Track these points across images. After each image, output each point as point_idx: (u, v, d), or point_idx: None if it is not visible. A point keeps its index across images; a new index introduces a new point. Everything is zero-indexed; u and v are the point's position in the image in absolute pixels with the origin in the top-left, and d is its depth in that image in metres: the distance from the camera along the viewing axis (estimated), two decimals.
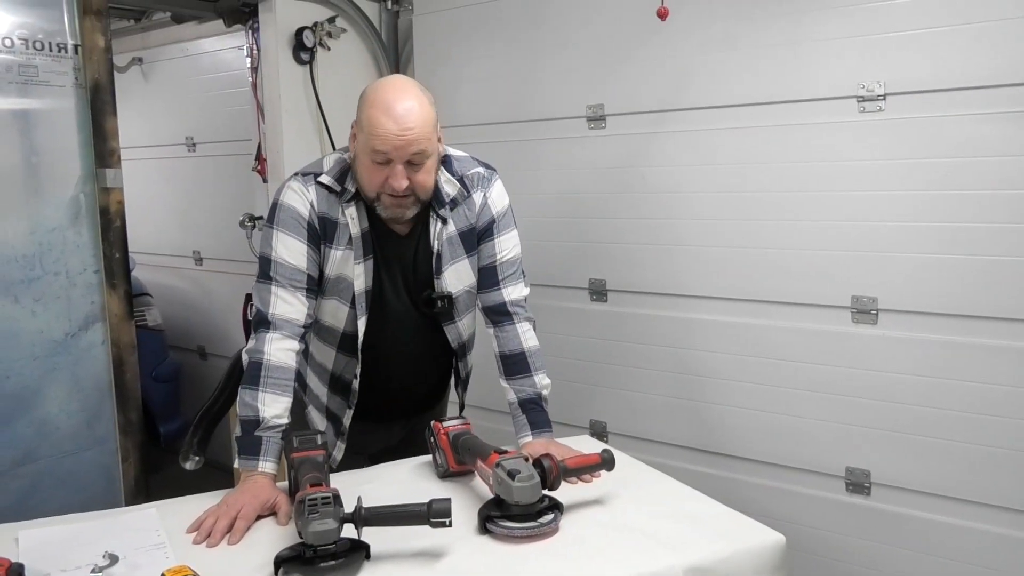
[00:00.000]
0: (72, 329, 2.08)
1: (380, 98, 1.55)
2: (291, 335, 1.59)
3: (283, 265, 1.61)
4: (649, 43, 2.37)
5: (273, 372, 1.55)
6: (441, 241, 1.69)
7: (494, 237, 1.75)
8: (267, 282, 1.62)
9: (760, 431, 2.29)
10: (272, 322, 1.58)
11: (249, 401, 1.53)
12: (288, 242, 1.61)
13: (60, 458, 2.08)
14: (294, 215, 1.62)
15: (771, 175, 2.20)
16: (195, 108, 3.65)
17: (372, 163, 1.55)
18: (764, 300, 2.26)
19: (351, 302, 1.67)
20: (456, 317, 1.76)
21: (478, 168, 1.75)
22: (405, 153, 1.53)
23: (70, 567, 1.24)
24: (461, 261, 1.73)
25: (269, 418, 1.51)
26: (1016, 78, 1.84)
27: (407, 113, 1.52)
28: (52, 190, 2.04)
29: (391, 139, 1.52)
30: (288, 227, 1.62)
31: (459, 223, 1.71)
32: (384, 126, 1.52)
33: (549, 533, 1.34)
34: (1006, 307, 1.90)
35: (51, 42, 2.01)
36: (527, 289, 1.80)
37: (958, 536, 2.01)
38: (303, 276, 1.62)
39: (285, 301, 1.60)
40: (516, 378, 1.72)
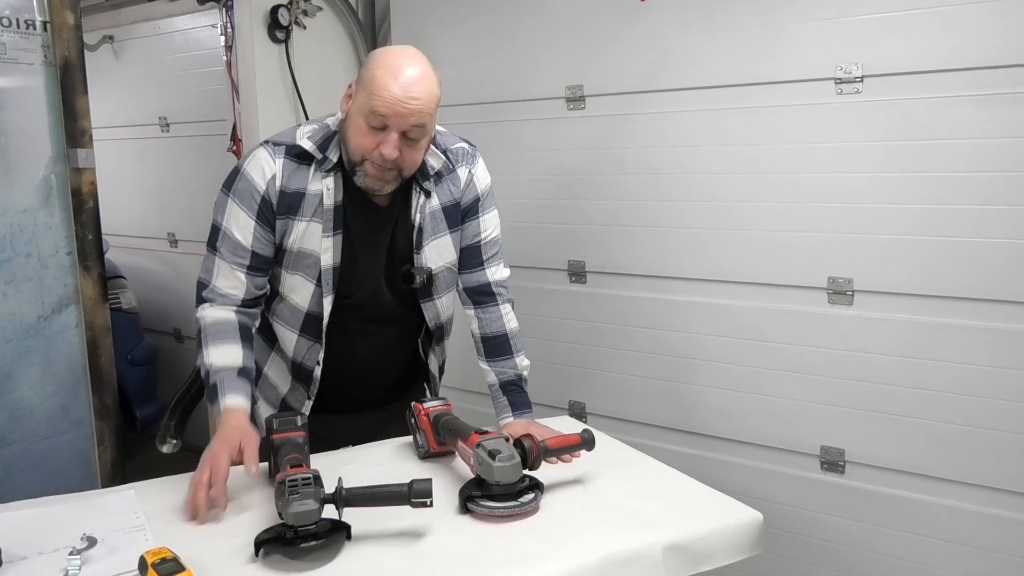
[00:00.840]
0: (45, 312, 2.05)
1: (391, 61, 1.50)
2: (226, 306, 1.59)
3: (229, 239, 1.58)
4: (629, 24, 2.36)
5: (210, 329, 1.56)
6: (424, 215, 1.65)
7: (479, 215, 1.72)
8: (213, 252, 1.60)
9: (737, 411, 2.32)
10: (208, 297, 1.60)
11: (199, 363, 1.55)
12: (238, 216, 1.58)
13: (35, 442, 2.05)
14: (249, 187, 1.57)
15: (749, 156, 2.20)
16: (168, 87, 3.59)
17: (367, 126, 1.49)
18: (741, 281, 2.27)
19: (317, 279, 1.61)
20: (435, 294, 1.70)
21: (462, 144, 1.71)
22: (404, 123, 1.48)
23: (47, 550, 1.23)
24: (443, 236, 1.68)
25: (216, 365, 1.52)
26: (992, 61, 1.86)
27: (415, 82, 1.47)
28: (22, 171, 2.00)
29: (394, 104, 1.46)
30: (242, 199, 1.58)
31: (443, 197, 1.67)
32: (389, 89, 1.46)
33: (530, 512, 1.35)
34: (979, 288, 1.93)
35: (19, 19, 1.96)
36: (508, 270, 1.79)
37: (930, 513, 2.05)
38: (247, 254, 1.59)
39: (223, 276, 1.59)
40: (497, 360, 1.71)
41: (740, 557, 1.36)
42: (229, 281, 1.59)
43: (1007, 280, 1.89)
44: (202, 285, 1.61)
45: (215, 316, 1.58)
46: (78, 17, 2.04)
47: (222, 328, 1.56)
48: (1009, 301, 1.90)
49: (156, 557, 1.14)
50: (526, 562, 1.21)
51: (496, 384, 1.72)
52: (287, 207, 1.58)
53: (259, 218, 1.57)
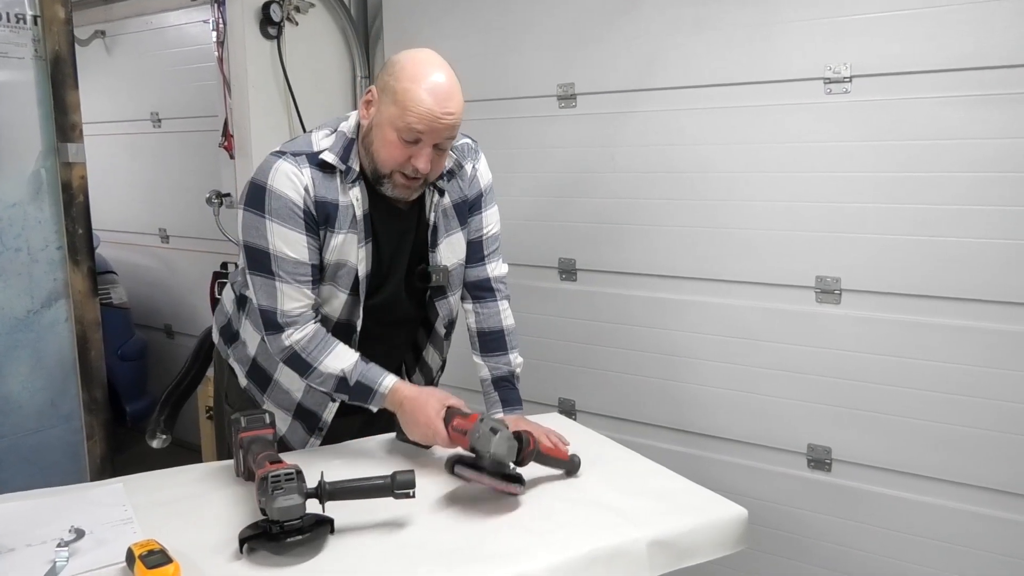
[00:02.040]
0: (34, 306, 2.05)
1: (421, 72, 1.47)
2: (303, 324, 1.55)
3: (285, 260, 1.51)
4: (620, 22, 2.37)
5: (310, 346, 1.54)
6: (437, 213, 1.65)
7: (482, 210, 1.73)
8: (269, 277, 1.52)
9: (725, 409, 2.33)
10: (284, 323, 1.54)
11: (320, 380, 1.55)
12: (286, 235, 1.51)
13: (24, 436, 2.05)
14: (289, 204, 1.50)
15: (738, 155, 2.21)
16: (160, 83, 3.58)
17: (399, 139, 1.47)
18: (730, 280, 2.28)
19: (350, 288, 1.59)
20: (449, 292, 1.71)
21: (465, 139, 1.71)
22: (439, 136, 1.48)
23: (36, 542, 1.24)
24: (456, 233, 1.69)
25: (346, 368, 1.53)
26: (979, 62, 1.87)
27: (450, 96, 1.47)
28: (12, 165, 2.00)
29: (431, 120, 1.45)
30: (284, 218, 1.50)
31: (453, 195, 1.67)
32: (426, 104, 1.44)
33: (512, 492, 1.36)
34: (967, 288, 1.94)
35: (9, 12, 1.96)
36: (506, 266, 1.80)
37: (916, 511, 2.06)
38: (307, 269, 1.53)
39: (292, 298, 1.53)
40: (492, 355, 1.72)
41: (724, 553, 1.37)
42: (300, 302, 1.54)
43: (995, 280, 1.91)
44: (271, 313, 1.54)
45: (305, 334, 1.54)
46: (69, 11, 2.04)
47: (320, 341, 1.55)
48: (996, 301, 1.91)
49: (143, 549, 1.14)
50: (511, 557, 1.22)
51: (488, 379, 1.72)
52: (324, 217, 1.54)
53: (308, 231, 1.52)
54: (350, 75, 2.99)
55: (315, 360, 1.53)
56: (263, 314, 1.56)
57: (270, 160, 1.54)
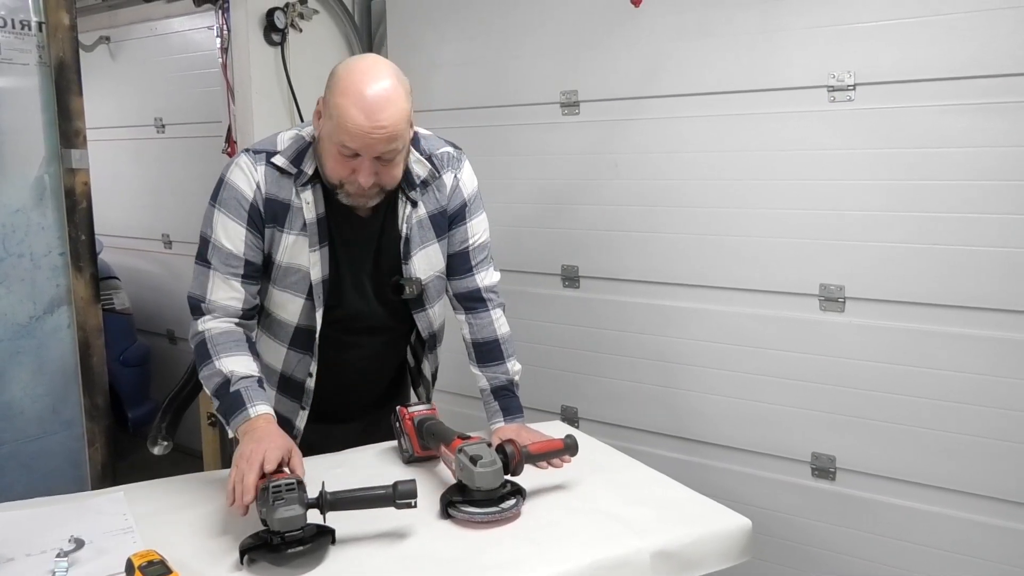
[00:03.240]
0: (37, 312, 2.05)
1: (353, 87, 1.43)
2: (226, 317, 1.54)
3: (220, 249, 1.54)
4: (623, 30, 2.37)
5: (219, 339, 1.51)
6: (410, 225, 1.62)
7: (466, 221, 1.69)
8: (204, 265, 1.56)
9: (729, 417, 2.32)
10: (206, 309, 1.54)
11: (209, 373, 1.49)
12: (227, 225, 1.54)
13: (25, 442, 2.05)
14: (236, 195, 1.53)
15: (742, 163, 2.21)
16: (164, 89, 3.59)
17: (339, 154, 1.46)
18: (734, 287, 2.28)
19: (307, 293, 1.58)
20: (427, 304, 1.69)
21: (447, 148, 1.68)
22: (374, 150, 1.44)
23: (35, 551, 1.23)
24: (431, 245, 1.66)
25: (237, 372, 1.47)
26: (984, 70, 1.86)
27: (381, 108, 1.41)
28: (15, 170, 2.00)
29: (361, 136, 1.42)
30: (229, 208, 1.54)
31: (429, 206, 1.64)
32: (355, 120, 1.40)
33: (511, 518, 1.35)
34: (970, 296, 1.94)
35: (14, 19, 1.96)
36: (498, 274, 1.78)
37: (921, 521, 2.05)
38: (239, 262, 1.54)
39: (219, 288, 1.54)
40: (489, 365, 1.71)
41: (728, 564, 1.36)
42: (226, 292, 1.54)
43: (998, 288, 1.90)
44: (197, 300, 1.55)
45: (220, 327, 1.53)
46: (73, 17, 2.04)
47: (232, 338, 1.52)
48: (1000, 309, 1.91)
49: (143, 560, 1.14)
50: (513, 567, 1.21)
51: (488, 389, 1.71)
52: (273, 215, 1.55)
53: (249, 225, 1.54)
54: None
55: (216, 355, 1.49)
56: (190, 299, 1.57)
57: (236, 156, 1.59)
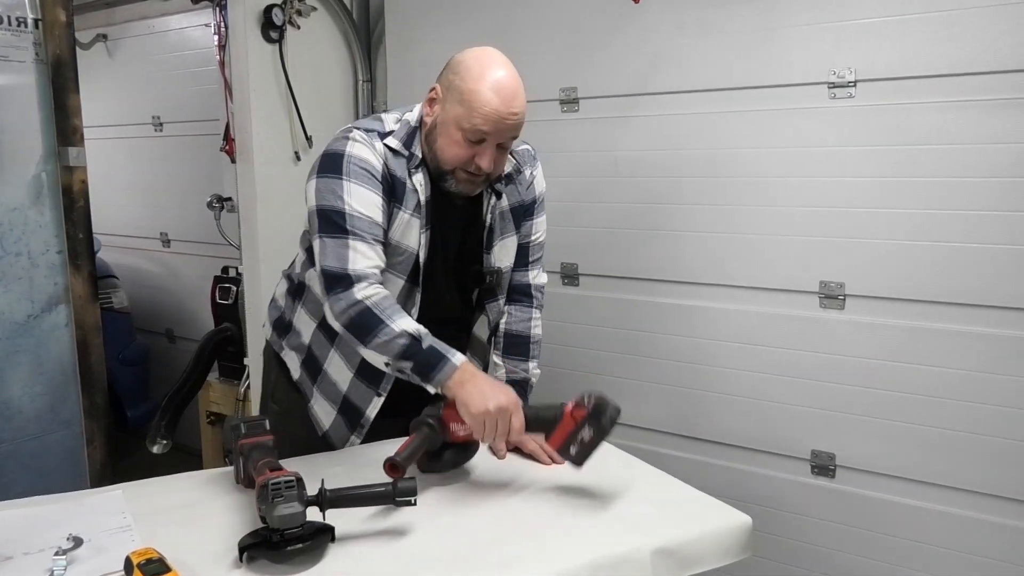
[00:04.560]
0: (35, 311, 2.05)
1: (488, 73, 1.48)
2: (375, 283, 1.47)
3: (360, 218, 1.47)
4: (622, 27, 2.36)
5: (385, 304, 1.44)
6: (494, 215, 1.66)
7: (534, 217, 1.75)
8: (342, 236, 1.46)
9: (728, 414, 2.32)
10: (356, 278, 1.45)
11: (388, 337, 1.41)
12: (364, 194, 1.48)
13: (24, 441, 2.05)
14: (366, 166, 1.50)
15: (742, 160, 2.21)
16: (162, 87, 3.59)
17: (464, 139, 1.49)
18: (733, 285, 2.27)
19: (407, 274, 1.58)
20: (499, 294, 1.72)
21: (525, 145, 1.72)
22: (504, 135, 1.50)
23: (33, 550, 1.22)
24: (510, 236, 1.70)
25: (421, 331, 1.42)
26: (985, 67, 1.86)
27: (516, 95, 1.48)
28: (12, 168, 1.99)
29: (497, 120, 1.46)
30: (362, 179, 1.49)
31: (512, 199, 1.69)
32: (492, 104, 1.46)
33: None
34: (971, 293, 1.93)
35: (10, 16, 1.96)
36: (546, 276, 1.82)
37: (921, 518, 2.05)
38: (380, 230, 1.50)
39: (366, 256, 1.47)
40: (513, 358, 1.73)
41: (729, 561, 1.36)
42: (371, 261, 1.47)
43: (999, 285, 1.90)
44: (339, 272, 1.46)
45: (381, 292, 1.46)
46: (70, 15, 2.04)
47: (393, 302, 1.47)
48: (1001, 307, 1.90)
49: (142, 558, 1.13)
50: (513, 564, 1.21)
51: (503, 380, 1.71)
52: (392, 190, 1.54)
53: (387, 194, 1.52)
54: (352, 79, 2.99)
55: (389, 318, 1.42)
56: (329, 275, 1.47)
57: (343, 133, 1.55)
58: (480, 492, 1.46)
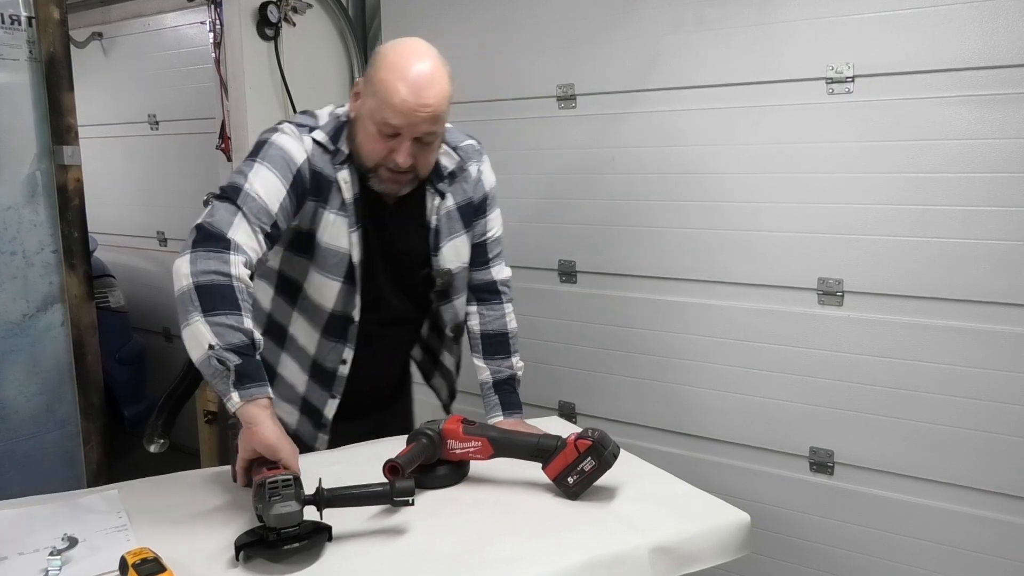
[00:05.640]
0: (30, 310, 2.04)
1: (400, 63, 1.42)
2: (246, 267, 1.36)
3: (254, 199, 1.39)
4: (620, 23, 2.36)
5: (248, 295, 1.34)
6: (439, 216, 1.61)
7: (487, 214, 1.71)
8: (231, 205, 1.38)
9: (726, 411, 2.31)
10: (234, 247, 1.35)
11: (232, 326, 1.28)
12: (268, 178, 1.41)
13: (19, 441, 2.04)
14: (285, 156, 1.44)
15: (740, 156, 2.20)
16: (157, 85, 3.57)
17: (378, 133, 1.44)
18: (732, 282, 2.27)
19: (344, 275, 1.54)
20: (453, 296, 1.68)
21: (469, 140, 1.68)
22: (417, 130, 1.43)
23: (28, 550, 1.22)
24: (459, 236, 1.65)
25: (259, 340, 1.32)
26: (983, 61, 1.86)
27: (427, 86, 1.41)
28: (7, 167, 1.98)
29: (407, 113, 1.40)
30: (275, 164, 1.43)
31: (457, 197, 1.64)
32: (402, 96, 1.39)
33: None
34: (970, 289, 1.93)
35: (4, 14, 1.94)
36: (509, 269, 1.79)
37: (919, 515, 2.05)
38: (270, 219, 1.41)
39: (244, 232, 1.37)
40: (495, 359, 1.71)
41: (727, 558, 1.35)
42: (249, 240, 1.38)
43: (998, 281, 1.89)
44: (217, 229, 1.35)
45: (249, 283, 1.35)
46: (64, 12, 2.03)
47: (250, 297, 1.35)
48: (999, 303, 1.90)
49: (137, 558, 1.12)
50: (511, 563, 1.20)
51: (489, 383, 1.71)
52: (317, 189, 1.49)
53: (292, 187, 1.44)
54: (348, 76, 2.98)
55: (246, 309, 1.31)
56: (205, 231, 1.36)
57: (274, 126, 1.52)
58: (477, 491, 1.45)
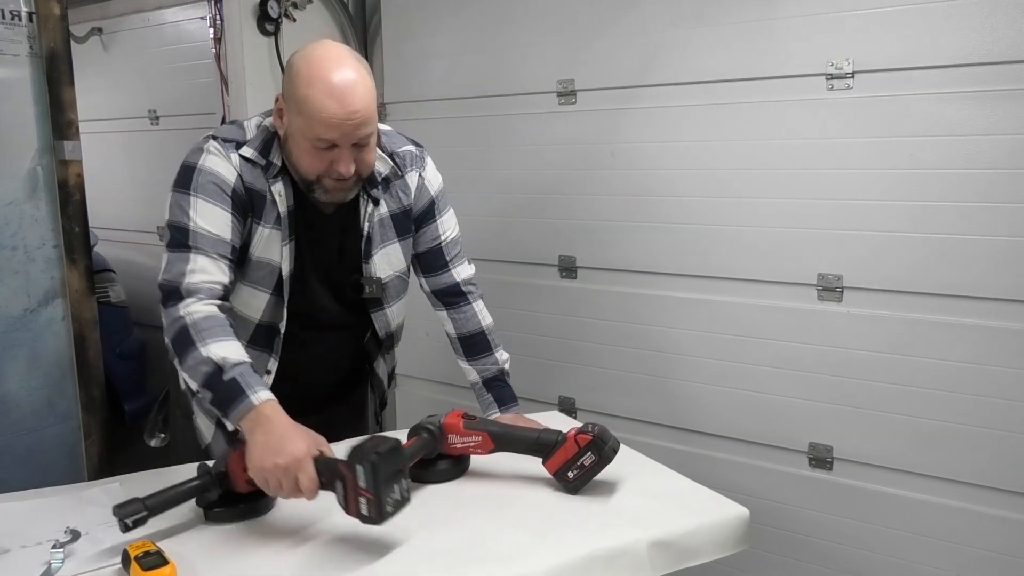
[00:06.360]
0: (31, 305, 2.04)
1: (320, 75, 1.38)
2: (208, 298, 1.39)
3: (205, 236, 1.42)
4: (620, 18, 2.36)
5: (203, 324, 1.36)
6: (372, 223, 1.58)
7: (436, 218, 1.67)
8: (184, 251, 1.42)
9: (726, 407, 2.32)
10: (187, 291, 1.39)
11: (195, 363, 1.33)
12: (209, 210, 1.43)
13: (20, 435, 2.04)
14: (216, 180, 1.45)
15: (740, 152, 2.20)
16: (158, 80, 3.57)
17: (314, 148, 1.41)
18: (732, 277, 2.27)
19: (273, 288, 1.53)
20: (385, 304, 1.65)
21: (409, 146, 1.64)
22: (352, 138, 1.40)
23: (30, 543, 1.23)
24: (392, 244, 1.63)
25: (229, 359, 1.33)
26: (983, 57, 1.86)
27: (352, 92, 1.37)
28: (7, 163, 1.98)
29: (338, 125, 1.37)
30: (210, 194, 1.44)
31: (391, 205, 1.61)
32: (329, 110, 1.36)
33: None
34: (969, 285, 1.93)
35: (4, 9, 1.94)
36: (472, 267, 1.76)
37: (918, 510, 2.05)
38: (227, 247, 1.44)
39: (204, 270, 1.41)
40: (478, 358, 1.70)
41: (726, 553, 1.36)
42: (212, 275, 1.42)
43: (997, 277, 1.90)
44: (173, 284, 1.41)
45: (204, 311, 1.38)
46: (64, 7, 2.03)
47: (217, 323, 1.38)
48: (999, 299, 1.91)
49: (139, 550, 1.14)
50: (511, 557, 1.21)
51: (479, 382, 1.71)
52: (251, 206, 1.49)
53: (235, 210, 1.46)
54: None
55: (202, 341, 1.34)
56: (163, 289, 1.41)
57: (200, 143, 1.50)
58: (478, 485, 1.46)
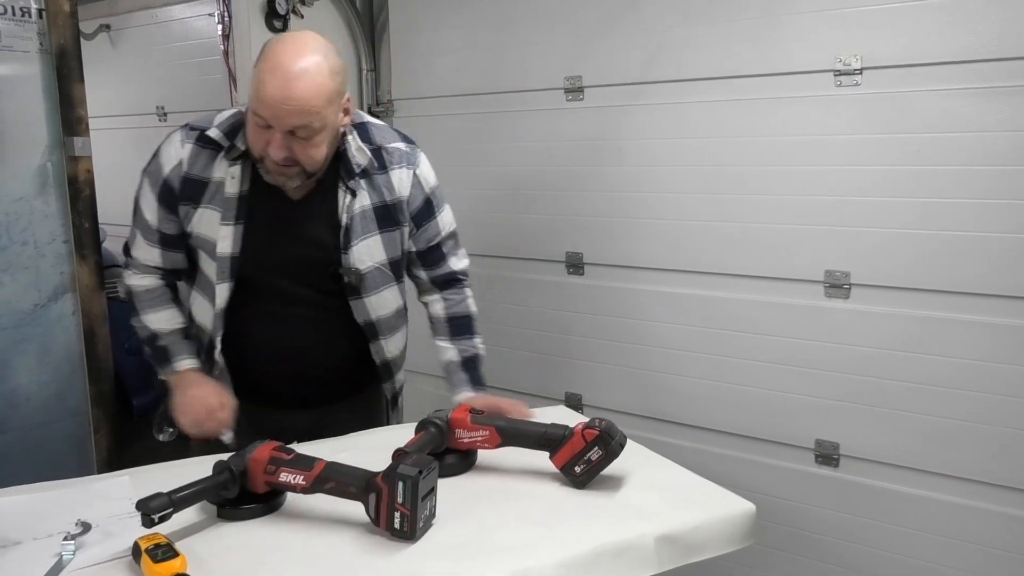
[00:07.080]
0: (41, 300, 2.05)
1: (275, 57, 1.42)
2: (144, 273, 1.70)
3: (140, 218, 1.66)
4: (627, 15, 2.36)
5: (143, 296, 1.69)
6: (351, 214, 1.59)
7: (435, 216, 1.71)
8: (133, 227, 1.70)
9: (733, 403, 2.32)
10: (129, 264, 1.72)
11: (139, 325, 1.70)
12: (146, 196, 1.64)
13: (31, 429, 2.05)
14: (156, 169, 1.62)
15: (748, 148, 2.20)
16: (166, 77, 3.58)
17: (255, 125, 1.45)
18: (739, 274, 2.27)
19: (218, 266, 1.59)
20: (363, 293, 1.65)
21: (399, 143, 1.65)
22: (286, 123, 1.42)
23: (42, 535, 1.24)
24: (373, 236, 1.63)
25: (162, 330, 1.67)
26: (991, 53, 1.85)
27: (296, 80, 1.40)
28: (18, 159, 1.99)
29: (272, 105, 1.41)
30: (151, 180, 1.63)
31: (373, 197, 1.62)
32: (267, 89, 1.40)
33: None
34: (976, 282, 1.93)
35: (14, 6, 1.95)
36: (467, 259, 1.83)
37: (924, 508, 2.05)
38: (154, 234, 1.65)
39: (140, 248, 1.68)
40: (461, 338, 1.76)
41: (732, 548, 1.36)
42: (145, 253, 1.67)
43: (1005, 274, 1.89)
44: (126, 251, 1.72)
45: (143, 283, 1.69)
46: (74, 4, 2.04)
47: (153, 294, 1.69)
48: (1006, 296, 1.90)
49: (150, 543, 1.14)
50: (518, 550, 1.21)
51: (457, 361, 1.74)
52: (189, 195, 1.59)
53: (160, 200, 1.61)
54: (356, 68, 2.98)
55: (142, 310, 1.69)
56: (124, 249, 1.74)
57: (175, 130, 1.65)
58: (485, 480, 1.47)
